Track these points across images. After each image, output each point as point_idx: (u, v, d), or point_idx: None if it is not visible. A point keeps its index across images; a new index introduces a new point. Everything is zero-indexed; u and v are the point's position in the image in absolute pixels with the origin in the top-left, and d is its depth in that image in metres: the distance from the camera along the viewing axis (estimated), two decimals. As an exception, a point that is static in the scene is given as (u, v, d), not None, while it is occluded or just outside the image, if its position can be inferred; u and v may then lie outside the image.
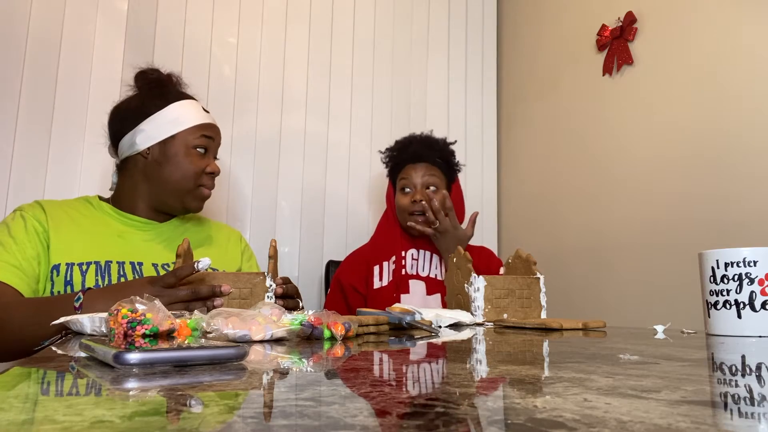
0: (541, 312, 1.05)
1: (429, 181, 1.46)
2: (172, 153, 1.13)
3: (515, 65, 2.24)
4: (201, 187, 1.15)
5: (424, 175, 1.46)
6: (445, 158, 1.50)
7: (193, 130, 1.14)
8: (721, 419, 0.24)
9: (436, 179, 1.47)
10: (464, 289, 1.04)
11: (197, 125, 1.15)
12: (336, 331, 0.60)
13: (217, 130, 1.20)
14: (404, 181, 1.47)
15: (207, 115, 1.18)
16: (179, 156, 1.12)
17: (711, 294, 0.75)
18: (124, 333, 0.46)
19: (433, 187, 1.47)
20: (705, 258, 0.76)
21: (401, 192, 1.49)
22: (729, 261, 0.72)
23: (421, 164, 1.47)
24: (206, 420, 0.23)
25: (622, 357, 0.46)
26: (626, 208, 1.74)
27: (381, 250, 1.51)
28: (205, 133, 1.15)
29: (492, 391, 0.31)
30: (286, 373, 0.37)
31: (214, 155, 1.19)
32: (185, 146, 1.13)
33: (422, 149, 1.48)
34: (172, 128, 1.13)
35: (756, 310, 0.70)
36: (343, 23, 1.94)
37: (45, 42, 1.47)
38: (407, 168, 1.48)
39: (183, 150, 1.13)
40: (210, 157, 1.17)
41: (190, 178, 1.13)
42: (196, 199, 1.15)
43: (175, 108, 1.14)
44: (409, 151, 1.48)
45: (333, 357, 0.47)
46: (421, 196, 1.44)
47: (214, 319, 0.55)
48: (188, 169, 1.13)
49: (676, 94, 1.63)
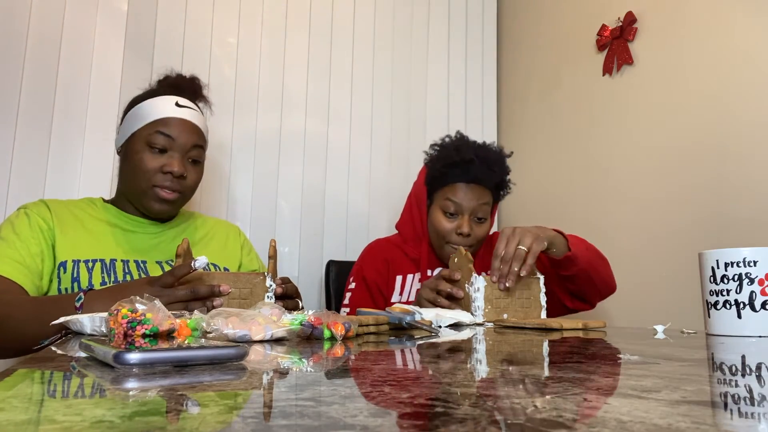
0: (541, 312, 1.05)
1: (479, 211, 1.30)
2: (131, 151, 1.08)
3: (515, 65, 2.24)
4: (155, 187, 1.06)
5: (476, 202, 1.29)
6: (502, 180, 1.35)
7: (149, 126, 1.06)
8: (721, 419, 0.24)
9: (486, 209, 1.31)
10: (465, 289, 1.04)
11: (154, 120, 1.06)
12: (336, 331, 0.60)
13: (187, 126, 1.09)
14: (451, 202, 1.29)
15: (175, 109, 1.08)
16: (136, 154, 1.06)
17: (711, 294, 0.75)
18: (124, 333, 0.46)
19: (482, 216, 1.31)
20: (705, 258, 0.76)
21: (444, 212, 1.31)
22: (729, 261, 0.72)
23: (475, 186, 1.29)
24: (206, 420, 0.23)
25: (622, 357, 0.46)
26: (626, 208, 1.74)
27: (405, 260, 1.40)
28: (162, 129, 1.06)
29: (492, 391, 0.31)
30: (285, 373, 0.37)
31: (184, 154, 1.08)
32: (141, 143, 1.06)
33: (483, 172, 1.28)
34: (132, 126, 1.08)
35: (756, 310, 0.70)
36: (343, 24, 1.94)
37: (45, 42, 1.46)
38: (458, 187, 1.29)
39: (139, 147, 1.06)
40: (171, 155, 1.07)
41: (141, 178, 1.06)
42: (152, 200, 1.07)
43: (146, 104, 1.09)
44: (469, 172, 1.29)
45: (333, 357, 0.47)
46: (468, 229, 1.28)
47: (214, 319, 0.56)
48: (139, 168, 1.05)
49: (676, 94, 1.63)
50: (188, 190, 1.11)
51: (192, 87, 1.18)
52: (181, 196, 1.10)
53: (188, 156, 1.09)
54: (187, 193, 1.11)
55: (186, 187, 1.10)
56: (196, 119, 1.12)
